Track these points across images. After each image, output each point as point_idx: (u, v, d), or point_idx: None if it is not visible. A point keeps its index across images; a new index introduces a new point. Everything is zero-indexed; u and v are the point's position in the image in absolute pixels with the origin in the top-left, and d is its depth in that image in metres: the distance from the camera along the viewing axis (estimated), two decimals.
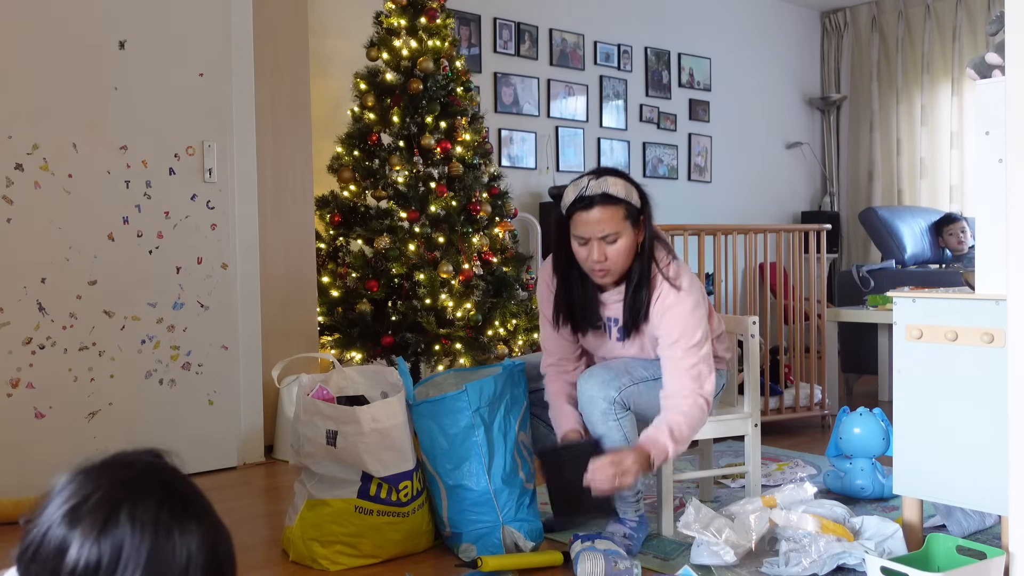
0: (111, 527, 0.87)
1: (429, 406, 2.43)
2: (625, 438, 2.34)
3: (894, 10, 7.14)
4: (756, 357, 2.67)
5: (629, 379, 2.38)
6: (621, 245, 2.32)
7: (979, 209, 2.10)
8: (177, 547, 0.89)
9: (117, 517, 0.88)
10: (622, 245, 2.32)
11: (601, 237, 2.30)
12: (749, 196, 6.85)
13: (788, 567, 2.18)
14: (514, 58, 5.56)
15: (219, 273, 3.50)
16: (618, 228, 2.31)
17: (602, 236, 2.30)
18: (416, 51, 3.95)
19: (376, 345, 3.85)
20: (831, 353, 4.36)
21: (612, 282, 2.41)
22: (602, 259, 2.32)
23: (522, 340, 3.96)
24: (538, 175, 5.67)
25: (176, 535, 0.89)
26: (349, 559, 2.35)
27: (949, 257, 5.48)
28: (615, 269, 2.36)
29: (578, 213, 2.32)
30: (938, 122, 6.92)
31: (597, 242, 2.31)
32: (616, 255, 2.33)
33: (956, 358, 2.11)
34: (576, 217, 2.32)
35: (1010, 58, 1.88)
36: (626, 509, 2.45)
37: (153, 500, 0.90)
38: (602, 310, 2.45)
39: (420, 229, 3.83)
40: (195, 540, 0.90)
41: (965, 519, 2.50)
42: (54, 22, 3.09)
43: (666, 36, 6.40)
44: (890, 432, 2.85)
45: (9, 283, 3.02)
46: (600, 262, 2.32)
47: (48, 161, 3.09)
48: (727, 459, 3.45)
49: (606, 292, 2.44)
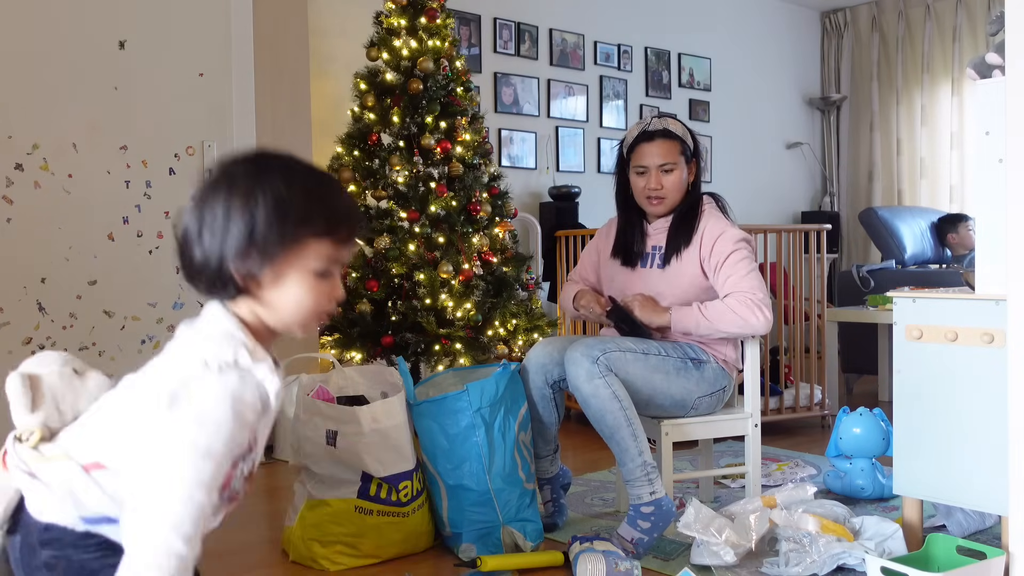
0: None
1: (429, 406, 2.43)
2: (614, 396, 2.36)
3: (894, 10, 7.14)
4: (756, 357, 2.67)
5: (615, 345, 2.44)
6: (675, 177, 2.60)
7: (979, 209, 2.10)
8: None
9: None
10: (676, 177, 2.60)
11: (659, 166, 2.57)
12: (749, 196, 6.84)
13: (788, 567, 2.18)
14: (514, 58, 5.56)
15: None
16: (674, 160, 2.59)
17: (660, 165, 2.58)
18: (416, 51, 3.95)
19: (376, 345, 3.84)
20: (831, 353, 4.36)
21: (663, 213, 2.64)
22: (659, 187, 2.59)
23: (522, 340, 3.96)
24: (538, 175, 5.68)
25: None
26: (349, 559, 2.35)
27: (949, 257, 5.48)
28: (669, 199, 2.61)
29: (641, 145, 2.61)
30: (938, 122, 6.92)
31: (655, 171, 2.59)
32: (671, 185, 2.60)
33: (956, 358, 2.11)
34: (638, 149, 2.61)
35: (1010, 58, 1.88)
36: (640, 491, 2.38)
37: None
38: (647, 241, 2.68)
39: (420, 229, 3.83)
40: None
41: (965, 519, 2.50)
42: (54, 22, 3.09)
43: (666, 36, 6.40)
44: (890, 432, 2.85)
45: (9, 283, 3.02)
46: (657, 190, 2.59)
47: (48, 161, 3.09)
48: (727, 459, 3.45)
49: (653, 223, 2.68)
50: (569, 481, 2.79)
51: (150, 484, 1.03)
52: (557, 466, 2.70)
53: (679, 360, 2.51)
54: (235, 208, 1.09)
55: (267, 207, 1.08)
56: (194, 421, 1.03)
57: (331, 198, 1.14)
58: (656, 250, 2.66)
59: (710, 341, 2.58)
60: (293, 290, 1.12)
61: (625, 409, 2.37)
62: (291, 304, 1.12)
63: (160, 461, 1.03)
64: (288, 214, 1.09)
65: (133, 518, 1.02)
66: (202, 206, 1.11)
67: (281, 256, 1.10)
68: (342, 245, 1.15)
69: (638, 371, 2.43)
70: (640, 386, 2.44)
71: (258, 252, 1.09)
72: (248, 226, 1.08)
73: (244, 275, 1.10)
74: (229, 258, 1.09)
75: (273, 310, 1.13)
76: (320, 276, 1.13)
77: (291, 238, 1.10)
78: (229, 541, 2.56)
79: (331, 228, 1.12)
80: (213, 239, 1.09)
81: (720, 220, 2.62)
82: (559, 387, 2.59)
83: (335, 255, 1.14)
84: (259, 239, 1.08)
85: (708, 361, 2.56)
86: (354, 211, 1.19)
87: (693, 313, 2.49)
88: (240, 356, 1.09)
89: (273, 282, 1.11)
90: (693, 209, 2.63)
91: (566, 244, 4.35)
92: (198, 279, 1.13)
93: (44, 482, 1.09)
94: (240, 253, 1.09)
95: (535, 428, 2.60)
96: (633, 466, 2.38)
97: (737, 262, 2.51)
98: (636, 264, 2.69)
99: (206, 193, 1.11)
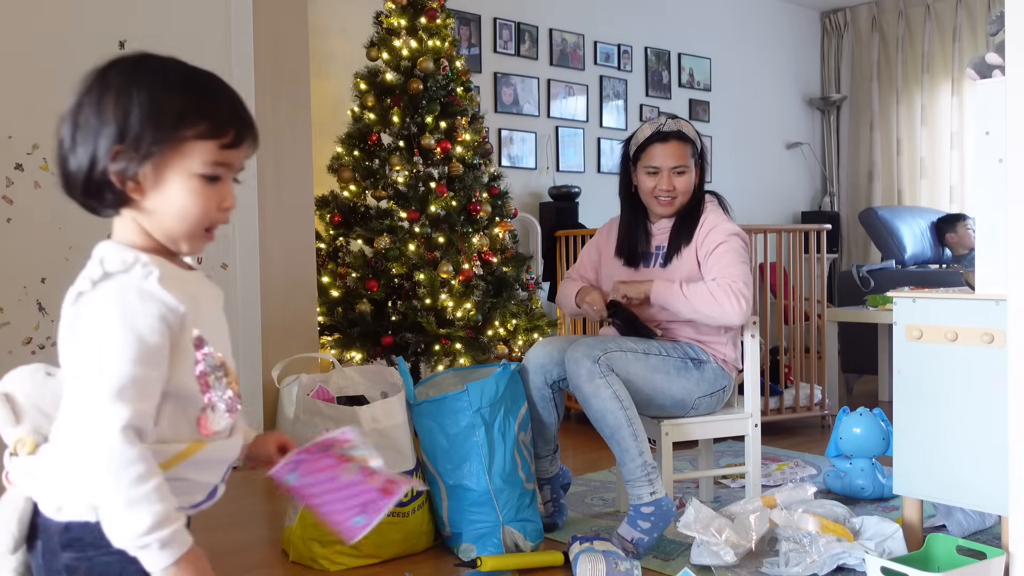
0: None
1: (430, 406, 2.43)
2: (615, 396, 2.36)
3: (894, 10, 7.14)
4: (756, 357, 2.67)
5: (616, 345, 2.44)
6: (687, 178, 2.62)
7: (979, 209, 2.10)
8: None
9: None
10: (687, 179, 2.63)
11: (672, 168, 2.59)
12: (749, 196, 6.84)
13: (788, 567, 2.18)
14: (514, 58, 5.56)
15: (219, 273, 3.50)
16: (687, 162, 2.62)
17: (673, 167, 2.59)
18: (416, 51, 3.95)
19: (376, 345, 3.85)
20: (831, 353, 4.36)
21: (670, 214, 2.65)
22: (671, 188, 2.60)
23: (522, 340, 3.96)
24: (538, 175, 5.68)
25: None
26: (349, 559, 2.35)
27: (949, 257, 5.48)
28: (679, 200, 2.63)
29: (654, 146, 2.62)
30: (938, 122, 6.92)
31: (668, 173, 2.60)
32: (683, 186, 2.62)
33: (956, 358, 2.11)
34: (650, 149, 2.62)
35: (1010, 58, 1.88)
36: (640, 491, 2.38)
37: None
38: (652, 241, 2.69)
39: (420, 229, 3.83)
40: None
41: (965, 519, 2.50)
42: (54, 22, 3.09)
43: (666, 36, 6.40)
44: (890, 432, 2.85)
45: (9, 283, 3.02)
46: (669, 191, 2.61)
47: (48, 161, 3.09)
48: (727, 459, 3.45)
49: (656, 223, 2.70)
50: (569, 481, 2.79)
51: (84, 376, 1.02)
52: (557, 466, 2.70)
53: (679, 360, 2.51)
54: (107, 107, 1.05)
55: (141, 104, 1.05)
56: (103, 311, 1.03)
57: (214, 98, 1.10)
58: (659, 250, 2.68)
59: (710, 341, 2.59)
60: (176, 194, 1.07)
61: (626, 409, 2.37)
62: (175, 209, 1.08)
63: (84, 349, 1.03)
64: (165, 110, 1.05)
65: (77, 412, 1.02)
66: (77, 112, 1.07)
67: (159, 155, 1.05)
68: (229, 149, 1.10)
69: (639, 371, 2.44)
70: (641, 386, 2.44)
71: (133, 150, 1.05)
72: (121, 124, 1.04)
73: (121, 176, 1.05)
74: (102, 159, 1.05)
75: (157, 219, 1.08)
76: (206, 181, 1.08)
77: (170, 136, 1.05)
78: (229, 541, 2.56)
79: (215, 129, 1.08)
80: (87, 142, 1.05)
81: (719, 215, 2.64)
82: (559, 387, 2.59)
83: (222, 158, 1.09)
84: (133, 136, 1.04)
85: (708, 361, 2.56)
86: (241, 112, 1.11)
87: (673, 288, 2.51)
88: (127, 258, 1.06)
89: (155, 186, 1.07)
90: (696, 208, 2.65)
91: (566, 244, 4.35)
92: (74, 187, 1.08)
93: (50, 478, 1.09)
94: (114, 152, 1.05)
95: (535, 428, 2.60)
96: (633, 466, 2.38)
97: (726, 252, 2.52)
98: (639, 264, 2.69)
99: (80, 99, 1.07)
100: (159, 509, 0.99)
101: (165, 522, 1.00)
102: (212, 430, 1.11)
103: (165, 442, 1.07)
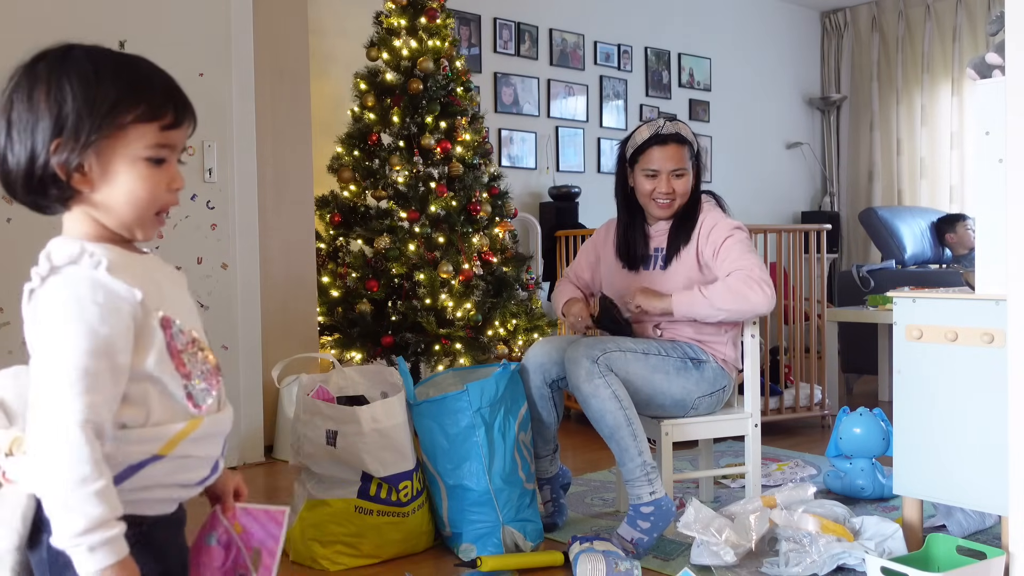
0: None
1: (430, 406, 2.43)
2: (614, 395, 2.36)
3: (894, 10, 7.14)
4: (756, 357, 2.67)
5: (615, 345, 2.44)
6: (685, 181, 2.62)
7: (979, 209, 2.10)
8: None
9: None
10: (686, 181, 2.62)
11: (671, 171, 2.58)
12: (749, 196, 6.84)
13: (788, 567, 2.18)
14: (514, 58, 5.56)
15: (219, 273, 3.50)
16: (685, 165, 2.61)
17: (672, 170, 2.59)
18: (416, 51, 3.95)
19: (376, 345, 3.85)
20: (831, 353, 4.36)
21: (668, 216, 2.64)
22: (670, 191, 2.60)
23: (522, 340, 3.96)
24: (538, 175, 5.68)
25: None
26: (349, 559, 2.35)
27: (949, 257, 5.48)
28: (678, 202, 2.62)
29: (652, 148, 2.60)
30: (938, 122, 6.92)
31: (667, 175, 2.59)
32: (681, 189, 2.61)
33: (956, 358, 2.11)
34: (649, 152, 2.61)
35: (1010, 58, 1.88)
36: (640, 491, 2.38)
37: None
38: (650, 243, 2.69)
39: (420, 229, 3.83)
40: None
41: (965, 519, 2.50)
42: (54, 22, 3.09)
43: (666, 36, 6.40)
44: (890, 432, 2.85)
45: (9, 283, 3.02)
46: (668, 194, 2.60)
47: None
48: (727, 459, 3.45)
49: (654, 226, 2.69)
50: (569, 481, 2.79)
51: (38, 371, 1.02)
52: (557, 466, 2.70)
53: (679, 360, 2.51)
54: (39, 101, 1.04)
55: (75, 94, 1.04)
56: (52, 305, 1.04)
57: (148, 81, 1.10)
58: (658, 252, 2.67)
59: (710, 341, 2.59)
60: (124, 181, 1.07)
61: (625, 409, 2.38)
62: (124, 196, 1.07)
63: (39, 345, 1.03)
64: (100, 97, 1.05)
65: (35, 404, 1.02)
66: (8, 109, 1.06)
67: (101, 144, 1.05)
68: (170, 129, 1.10)
69: (638, 371, 2.44)
70: (640, 386, 2.44)
71: (73, 140, 1.04)
72: (57, 116, 1.04)
73: (64, 168, 1.05)
74: (42, 153, 1.04)
75: (108, 209, 1.08)
76: (152, 164, 1.08)
77: (108, 122, 1.05)
78: None
79: (153, 111, 1.08)
80: (23, 138, 1.05)
81: (717, 213, 2.64)
82: (558, 387, 2.59)
83: (164, 140, 1.09)
84: (72, 127, 1.04)
85: (708, 361, 2.56)
86: (175, 93, 1.12)
87: (694, 295, 2.49)
88: (72, 250, 1.06)
89: (102, 176, 1.07)
90: (693, 210, 2.64)
91: (566, 244, 4.35)
92: (15, 185, 1.07)
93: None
94: (55, 145, 1.04)
95: (535, 428, 2.60)
96: (633, 466, 2.38)
97: (734, 245, 2.52)
98: (639, 267, 2.69)
99: (9, 95, 1.06)
100: (95, 513, 0.99)
101: (99, 527, 0.99)
102: (202, 405, 1.11)
103: (162, 424, 1.07)
